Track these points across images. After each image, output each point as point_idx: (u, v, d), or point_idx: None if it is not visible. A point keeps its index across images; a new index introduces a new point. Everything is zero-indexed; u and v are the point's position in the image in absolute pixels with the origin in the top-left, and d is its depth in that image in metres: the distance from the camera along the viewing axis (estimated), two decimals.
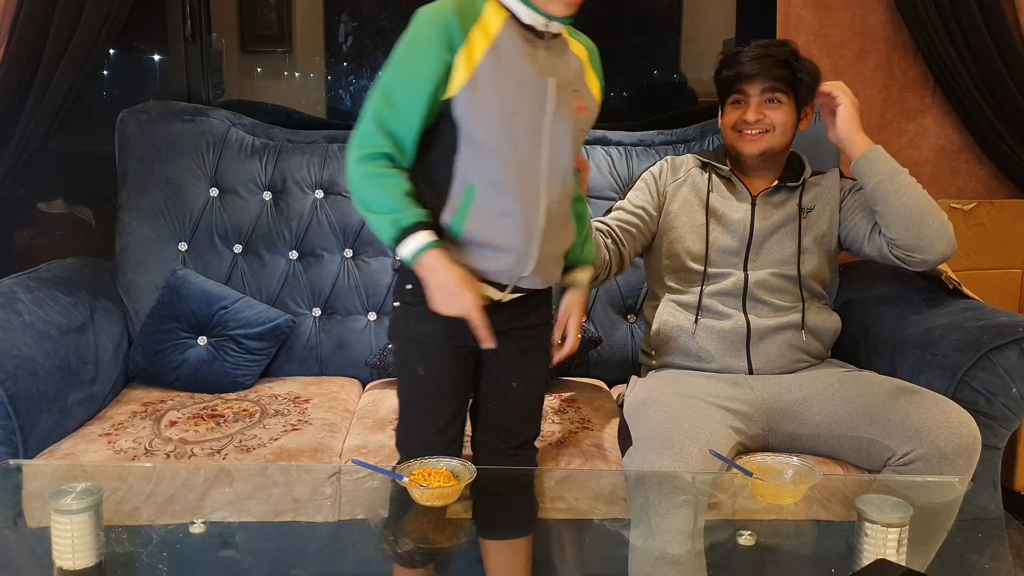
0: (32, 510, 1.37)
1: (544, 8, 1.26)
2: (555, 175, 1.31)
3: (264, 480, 1.51)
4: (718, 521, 1.41)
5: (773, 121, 1.73)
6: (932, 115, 2.47)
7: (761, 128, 1.73)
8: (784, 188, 1.79)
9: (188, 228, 2.11)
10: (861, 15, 2.39)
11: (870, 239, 1.75)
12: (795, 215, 1.78)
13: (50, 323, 1.76)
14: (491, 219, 1.29)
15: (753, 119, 1.72)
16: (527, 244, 1.31)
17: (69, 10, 2.04)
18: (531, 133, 1.28)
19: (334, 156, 2.15)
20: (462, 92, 1.24)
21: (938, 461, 1.48)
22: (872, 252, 1.75)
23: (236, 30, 2.54)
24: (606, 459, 1.65)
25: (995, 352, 1.64)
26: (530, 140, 1.29)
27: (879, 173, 1.68)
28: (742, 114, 1.73)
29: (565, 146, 1.32)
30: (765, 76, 1.70)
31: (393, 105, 1.26)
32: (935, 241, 1.65)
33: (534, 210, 1.30)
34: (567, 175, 1.35)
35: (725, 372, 1.73)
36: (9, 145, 2.09)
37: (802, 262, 1.77)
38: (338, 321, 2.12)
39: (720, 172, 1.82)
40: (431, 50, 1.24)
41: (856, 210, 1.79)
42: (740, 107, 1.74)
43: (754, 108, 1.72)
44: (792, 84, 1.72)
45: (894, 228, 1.67)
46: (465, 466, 1.32)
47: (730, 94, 1.76)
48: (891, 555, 1.11)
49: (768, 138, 1.74)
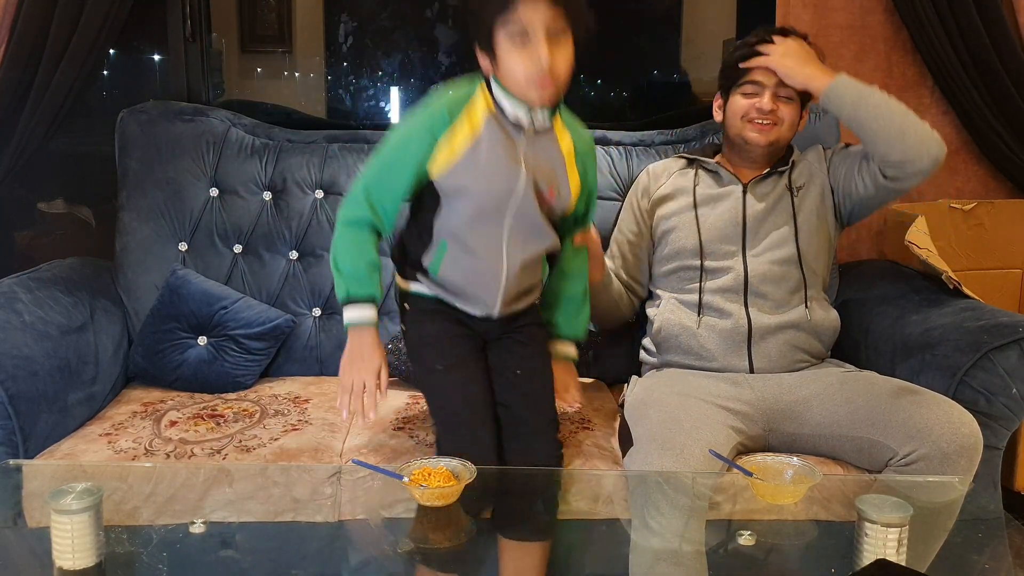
0: (32, 510, 1.37)
1: (524, 96, 1.41)
2: (515, 246, 1.50)
3: (264, 480, 1.50)
4: (718, 521, 1.42)
5: (783, 115, 1.75)
6: (931, 115, 2.47)
7: (772, 120, 1.74)
8: (774, 173, 1.80)
9: (188, 228, 2.11)
10: (860, 15, 2.40)
11: (861, 177, 1.75)
12: (786, 194, 1.79)
13: (50, 323, 1.76)
14: (458, 272, 1.52)
15: (768, 108, 1.73)
16: (491, 295, 1.53)
17: (69, 10, 2.04)
18: (497, 211, 1.47)
19: (334, 156, 2.15)
20: (443, 174, 1.45)
21: (940, 461, 1.48)
22: (870, 189, 1.74)
23: (236, 30, 2.55)
24: (607, 459, 1.65)
25: (995, 352, 1.64)
26: (495, 217, 1.48)
27: (848, 102, 1.68)
28: (755, 103, 1.74)
29: (530, 222, 1.50)
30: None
31: (381, 180, 1.47)
32: (923, 147, 1.65)
33: (496, 271, 1.51)
34: (529, 244, 1.52)
35: (726, 371, 1.73)
36: (9, 145, 2.09)
37: (800, 240, 1.77)
38: (338, 321, 2.12)
39: (707, 166, 1.83)
40: (420, 136, 1.44)
41: (841, 163, 1.80)
42: (752, 97, 1.75)
43: (770, 98, 1.73)
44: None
45: (880, 148, 1.67)
46: (465, 466, 1.32)
47: (741, 83, 1.76)
48: (891, 555, 1.11)
49: (777, 131, 1.75)
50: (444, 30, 2.57)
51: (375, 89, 2.61)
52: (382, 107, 2.62)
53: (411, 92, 2.60)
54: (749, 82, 1.75)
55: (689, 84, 2.71)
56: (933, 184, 2.51)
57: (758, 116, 1.74)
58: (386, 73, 2.59)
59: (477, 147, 1.44)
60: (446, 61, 2.58)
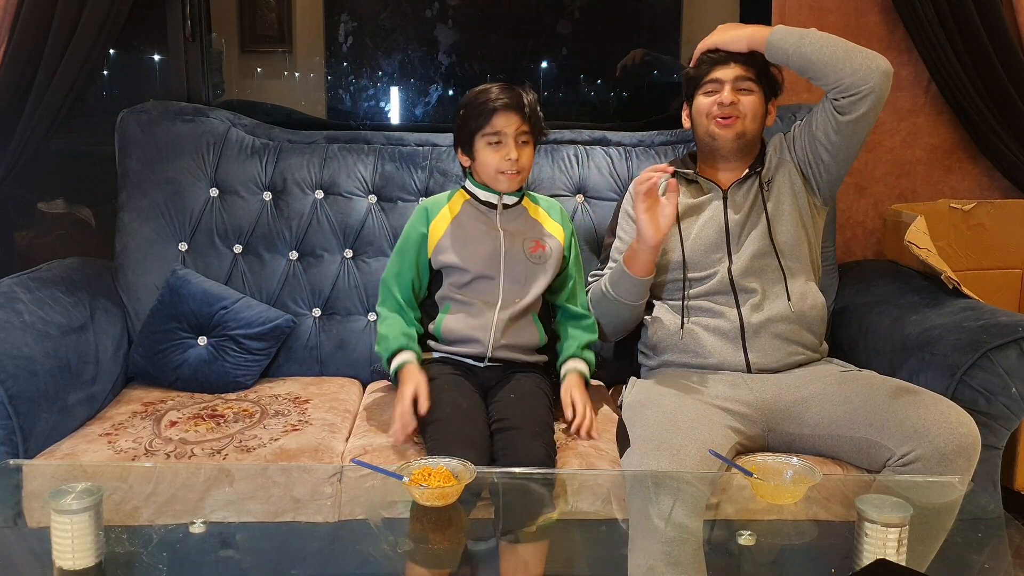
0: (32, 510, 1.37)
1: (493, 185, 1.81)
2: (509, 296, 1.80)
3: (264, 480, 1.51)
4: (718, 521, 1.42)
5: (745, 107, 1.78)
6: (925, 114, 2.48)
7: (735, 113, 1.77)
8: (752, 175, 1.82)
9: (188, 228, 2.11)
10: (855, 16, 2.41)
11: (821, 130, 1.78)
12: (758, 193, 1.81)
13: (50, 323, 1.76)
14: (457, 327, 1.80)
15: (728, 101, 1.77)
16: (484, 338, 1.79)
17: (69, 10, 2.04)
18: (489, 267, 1.80)
19: (334, 156, 2.15)
20: (436, 251, 1.82)
21: (937, 461, 1.48)
22: (832, 137, 1.76)
23: (236, 30, 2.55)
24: (604, 460, 1.65)
25: (995, 352, 1.64)
26: (489, 273, 1.80)
27: (791, 43, 1.72)
28: (715, 100, 1.78)
29: (521, 275, 1.81)
30: (738, 60, 1.77)
31: (394, 275, 1.84)
32: (871, 63, 1.69)
33: (488, 321, 1.79)
34: (522, 295, 1.81)
35: (724, 369, 1.74)
36: (9, 145, 2.09)
37: (773, 232, 1.79)
38: (338, 321, 2.12)
39: (687, 177, 1.85)
40: (412, 234, 1.84)
41: (799, 135, 1.84)
42: (713, 95, 1.79)
43: (729, 91, 1.77)
44: (761, 76, 1.79)
45: (831, 76, 1.70)
46: (465, 466, 1.32)
47: (701, 84, 1.80)
48: (891, 555, 1.11)
49: (740, 123, 1.78)
50: (444, 30, 2.57)
51: (375, 89, 2.61)
52: (382, 107, 2.62)
53: (411, 92, 2.60)
54: (708, 81, 1.79)
55: None
56: (928, 183, 2.52)
57: (719, 112, 1.77)
58: (386, 73, 2.59)
59: (458, 223, 1.82)
60: (446, 61, 2.58)
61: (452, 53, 2.58)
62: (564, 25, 2.64)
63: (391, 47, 2.57)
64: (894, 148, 2.50)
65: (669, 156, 2.15)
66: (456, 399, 1.69)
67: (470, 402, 1.70)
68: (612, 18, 2.64)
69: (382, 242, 2.13)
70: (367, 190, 2.15)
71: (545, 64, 2.65)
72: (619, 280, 1.78)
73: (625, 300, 1.79)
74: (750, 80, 1.78)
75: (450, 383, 1.74)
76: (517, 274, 1.81)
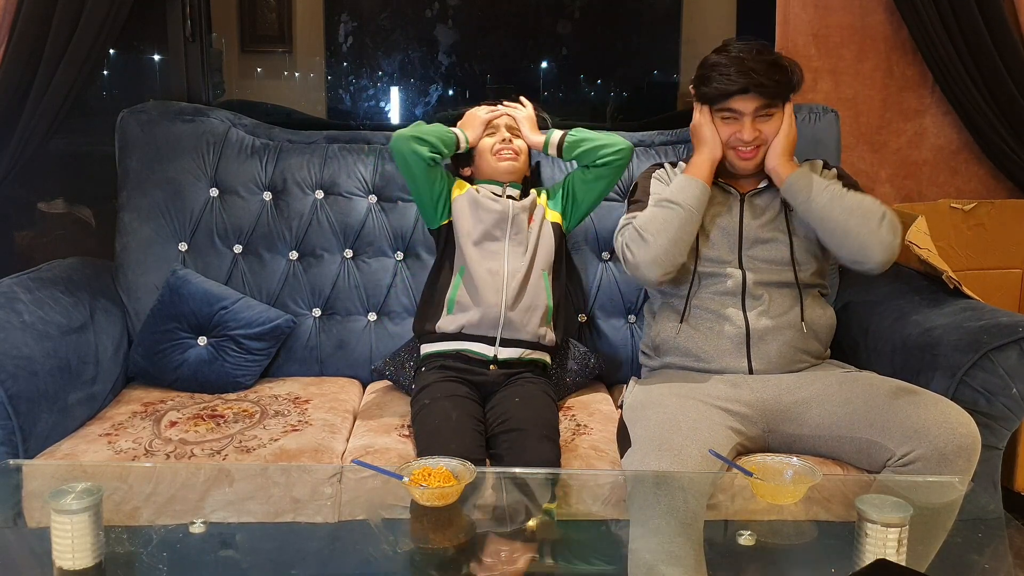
0: (32, 510, 1.37)
1: (495, 175, 1.92)
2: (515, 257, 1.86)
3: (264, 480, 1.51)
4: (718, 521, 1.42)
5: (767, 135, 1.75)
6: (931, 115, 2.47)
7: (757, 143, 1.75)
8: (772, 188, 1.80)
9: (188, 228, 2.11)
10: (860, 15, 2.40)
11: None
12: (781, 211, 1.79)
13: (50, 323, 1.76)
14: (472, 289, 1.84)
15: (750, 138, 1.73)
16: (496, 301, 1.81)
17: (69, 10, 2.04)
18: (499, 229, 1.87)
19: (334, 156, 2.15)
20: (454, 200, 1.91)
21: (937, 462, 1.47)
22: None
23: (236, 30, 2.55)
24: (604, 460, 1.65)
25: (995, 352, 1.64)
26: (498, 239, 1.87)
27: (798, 202, 1.72)
28: (735, 132, 1.74)
29: (526, 242, 1.88)
30: (756, 93, 1.70)
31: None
32: (867, 252, 1.67)
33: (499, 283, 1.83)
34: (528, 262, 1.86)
35: (725, 372, 1.73)
36: (9, 145, 2.09)
37: (796, 261, 1.77)
38: (338, 321, 2.12)
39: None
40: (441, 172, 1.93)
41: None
42: (732, 124, 1.75)
43: (749, 128, 1.73)
44: (782, 91, 1.73)
45: (828, 245, 1.73)
46: (465, 466, 1.32)
47: (719, 108, 1.74)
48: (891, 555, 1.11)
49: (762, 150, 1.76)
50: (444, 30, 2.57)
51: (375, 89, 2.61)
52: (382, 107, 2.62)
53: (411, 92, 2.60)
54: (727, 109, 1.74)
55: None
56: (933, 184, 2.51)
57: (741, 145, 1.75)
58: (386, 73, 2.59)
59: (471, 192, 1.91)
60: (446, 61, 2.58)
61: (452, 53, 2.58)
62: (564, 25, 2.64)
63: (391, 47, 2.57)
64: (900, 149, 2.49)
65: (669, 156, 2.15)
66: (447, 410, 1.68)
67: (461, 412, 1.68)
68: (612, 18, 2.64)
69: (382, 242, 2.13)
70: (367, 190, 2.15)
71: (545, 64, 2.65)
72: (684, 187, 1.73)
73: (691, 206, 1.71)
74: (769, 105, 1.73)
75: (443, 391, 1.73)
76: (521, 238, 1.88)
